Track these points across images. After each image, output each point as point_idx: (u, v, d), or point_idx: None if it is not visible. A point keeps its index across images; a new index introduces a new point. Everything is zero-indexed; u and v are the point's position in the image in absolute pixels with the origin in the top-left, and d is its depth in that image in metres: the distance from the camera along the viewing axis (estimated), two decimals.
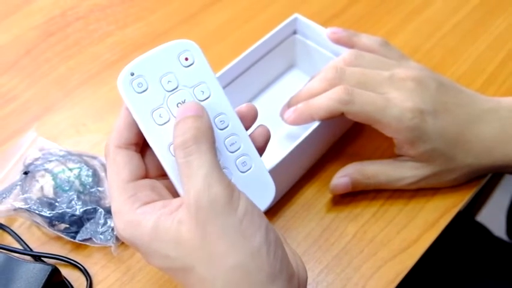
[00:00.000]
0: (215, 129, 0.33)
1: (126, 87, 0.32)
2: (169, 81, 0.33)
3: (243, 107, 0.35)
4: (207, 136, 0.31)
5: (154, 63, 0.33)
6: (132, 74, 0.32)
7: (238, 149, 0.34)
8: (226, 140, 0.33)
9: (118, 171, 0.32)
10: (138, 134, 0.33)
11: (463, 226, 0.63)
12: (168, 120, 0.32)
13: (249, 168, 0.34)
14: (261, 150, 0.35)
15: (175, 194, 0.33)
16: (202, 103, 0.33)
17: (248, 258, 0.29)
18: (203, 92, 0.33)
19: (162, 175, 0.34)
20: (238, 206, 0.29)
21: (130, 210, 0.31)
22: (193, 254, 0.29)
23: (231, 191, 0.30)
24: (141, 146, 0.34)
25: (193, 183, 0.29)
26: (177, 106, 0.33)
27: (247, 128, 0.35)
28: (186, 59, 0.33)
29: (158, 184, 0.33)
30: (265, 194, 0.34)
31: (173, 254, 0.30)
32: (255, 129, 0.35)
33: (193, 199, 0.29)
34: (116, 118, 0.33)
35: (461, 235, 0.62)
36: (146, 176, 0.33)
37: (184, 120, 0.31)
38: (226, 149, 0.33)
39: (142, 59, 0.33)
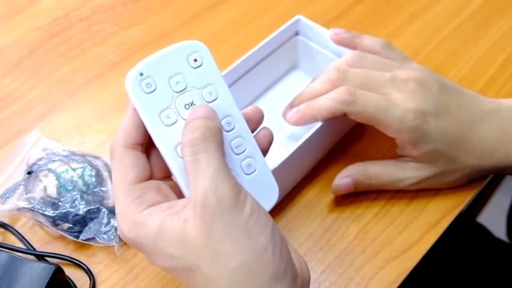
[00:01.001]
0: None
1: (134, 87, 0.32)
2: (177, 82, 0.33)
3: (249, 109, 0.35)
4: (215, 136, 0.31)
5: (164, 63, 0.33)
6: (141, 74, 0.32)
7: (244, 151, 0.34)
8: (233, 142, 0.34)
9: (124, 172, 0.32)
10: (145, 134, 0.33)
11: (464, 227, 0.63)
12: (176, 121, 0.32)
13: (254, 171, 0.34)
14: (264, 152, 0.35)
15: (180, 195, 0.33)
16: (209, 105, 0.33)
17: (253, 258, 0.29)
18: (211, 93, 0.33)
19: (167, 176, 0.34)
20: (244, 205, 0.30)
21: (136, 212, 0.31)
22: (198, 253, 0.29)
23: (238, 191, 0.30)
24: (147, 147, 0.34)
25: (201, 181, 0.29)
26: (185, 107, 0.33)
27: (252, 131, 0.35)
28: (195, 60, 0.33)
29: (163, 185, 0.33)
30: (268, 196, 0.34)
31: (178, 254, 0.30)
32: (259, 131, 0.35)
33: (200, 198, 0.29)
34: (120, 118, 0.33)
35: (462, 236, 0.62)
36: (151, 177, 0.33)
37: (194, 120, 0.31)
38: (232, 151, 0.33)
39: (152, 60, 0.33)
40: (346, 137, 0.50)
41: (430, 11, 0.61)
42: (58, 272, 0.40)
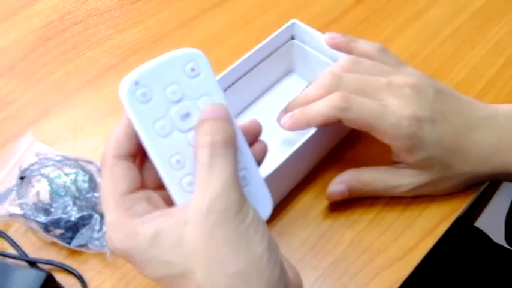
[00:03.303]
0: None
1: (129, 97, 0.31)
2: (173, 92, 0.32)
3: (247, 122, 0.35)
4: (234, 142, 0.31)
5: (160, 73, 0.32)
6: (137, 83, 0.31)
7: (239, 163, 0.33)
8: None
9: (115, 183, 0.31)
10: (137, 144, 0.32)
11: (462, 232, 0.62)
12: (171, 133, 0.32)
13: (248, 183, 0.33)
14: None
15: (171, 206, 0.32)
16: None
17: (250, 265, 0.29)
18: (208, 104, 0.33)
19: (159, 187, 0.33)
20: (247, 214, 0.30)
21: (128, 222, 0.30)
22: (194, 257, 0.29)
23: (244, 200, 0.30)
24: (138, 156, 0.33)
25: (212, 185, 0.29)
26: (181, 118, 0.32)
27: (249, 144, 0.34)
28: (193, 69, 0.32)
29: (154, 195, 0.33)
30: (262, 209, 0.34)
31: (173, 258, 0.29)
32: (254, 143, 0.35)
33: (208, 201, 0.29)
34: (115, 122, 0.33)
35: (460, 241, 0.61)
36: (142, 186, 0.33)
37: (214, 121, 0.31)
38: None
39: (148, 69, 0.31)
40: (341, 143, 0.50)
41: (427, 14, 0.61)
42: (49, 279, 0.40)
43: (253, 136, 0.35)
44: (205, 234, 0.29)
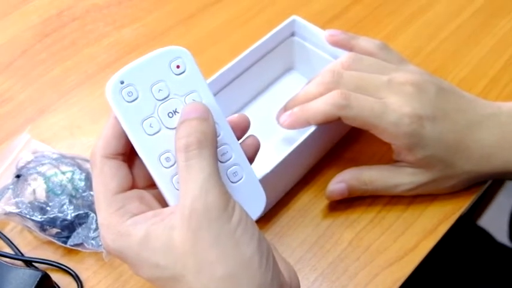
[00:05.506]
0: None
1: (115, 96, 0.31)
2: (160, 90, 0.32)
3: (235, 117, 0.34)
4: (210, 141, 0.30)
5: (145, 71, 0.32)
6: (122, 83, 0.31)
7: (230, 159, 0.33)
8: (218, 150, 0.32)
9: (105, 183, 0.31)
10: (127, 143, 0.32)
11: (465, 231, 0.62)
12: (159, 130, 0.32)
13: (240, 179, 0.33)
14: (250, 160, 0.34)
15: (164, 205, 0.32)
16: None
17: (240, 268, 0.28)
18: (195, 100, 0.32)
19: (151, 185, 0.33)
20: (233, 214, 0.29)
21: (119, 223, 0.30)
22: (183, 261, 0.29)
23: (228, 199, 0.29)
24: (129, 155, 0.33)
25: (191, 187, 0.29)
26: (168, 115, 0.32)
27: (238, 138, 0.34)
28: (178, 66, 0.32)
29: (146, 195, 0.32)
30: (255, 205, 0.33)
31: (163, 263, 0.29)
32: (245, 139, 0.35)
33: (189, 203, 0.28)
34: (104, 125, 0.33)
35: (463, 240, 0.61)
36: (134, 186, 0.32)
37: (189, 122, 0.31)
38: (218, 158, 0.33)
39: (133, 67, 0.31)
40: (342, 141, 0.49)
41: (430, 10, 0.60)
42: (45, 278, 0.40)
43: (242, 130, 0.34)
44: (191, 238, 0.28)
